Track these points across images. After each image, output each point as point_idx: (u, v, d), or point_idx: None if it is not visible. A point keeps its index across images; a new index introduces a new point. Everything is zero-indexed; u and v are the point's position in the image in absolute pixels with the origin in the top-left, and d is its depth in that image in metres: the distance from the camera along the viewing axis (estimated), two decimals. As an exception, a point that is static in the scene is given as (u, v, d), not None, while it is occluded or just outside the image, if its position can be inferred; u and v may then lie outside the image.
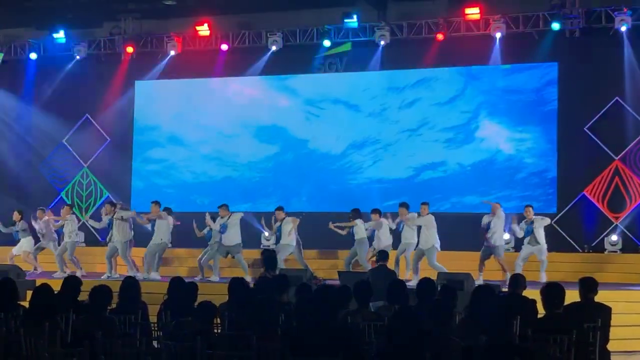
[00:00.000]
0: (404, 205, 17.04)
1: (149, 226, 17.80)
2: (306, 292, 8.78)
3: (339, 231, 17.28)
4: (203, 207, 20.31)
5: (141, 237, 17.98)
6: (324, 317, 6.18)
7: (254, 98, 21.34)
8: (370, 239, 17.12)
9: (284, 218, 17.21)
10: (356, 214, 17.16)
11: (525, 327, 7.58)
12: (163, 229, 17.32)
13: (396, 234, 17.16)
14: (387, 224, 17.02)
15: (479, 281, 15.03)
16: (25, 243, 18.49)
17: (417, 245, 16.60)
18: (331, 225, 17.28)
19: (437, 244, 16.37)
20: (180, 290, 8.87)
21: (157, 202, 17.61)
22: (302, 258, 17.24)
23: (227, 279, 11.74)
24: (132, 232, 17.63)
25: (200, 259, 17.39)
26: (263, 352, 6.76)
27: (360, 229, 16.96)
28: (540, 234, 16.36)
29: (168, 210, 17.61)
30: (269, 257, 12.30)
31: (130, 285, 9.15)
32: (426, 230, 16.41)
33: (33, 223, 18.42)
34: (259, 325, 7.06)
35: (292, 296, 9.49)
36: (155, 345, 8.21)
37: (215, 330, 9.30)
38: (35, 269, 18.14)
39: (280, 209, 17.46)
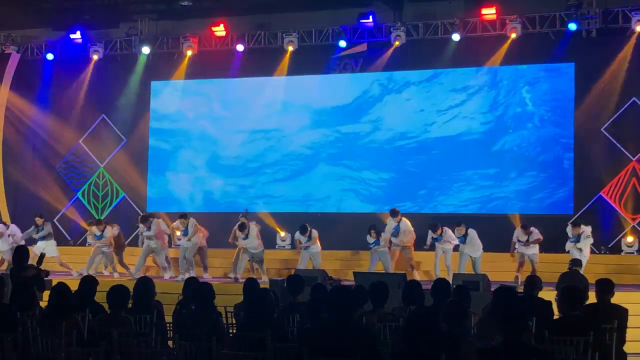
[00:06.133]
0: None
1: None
2: (320, 292, 8.77)
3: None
4: (218, 206, 20.39)
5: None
6: (339, 317, 6.17)
7: (270, 98, 21.33)
8: None
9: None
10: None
11: (541, 329, 7.55)
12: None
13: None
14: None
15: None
16: (50, 247, 18.28)
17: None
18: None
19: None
20: (195, 290, 8.85)
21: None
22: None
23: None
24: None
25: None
26: (279, 352, 6.76)
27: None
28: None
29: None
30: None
31: (143, 285, 9.15)
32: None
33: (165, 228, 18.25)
34: (271, 325, 7.07)
35: (307, 296, 9.48)
36: (171, 345, 8.23)
37: (231, 331, 9.33)
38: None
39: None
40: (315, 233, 17.28)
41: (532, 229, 16.68)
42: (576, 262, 14.22)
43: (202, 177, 21.75)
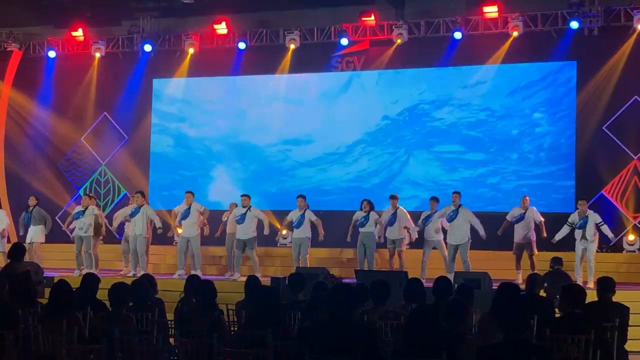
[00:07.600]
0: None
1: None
2: (322, 290, 8.77)
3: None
4: (219, 204, 20.36)
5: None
6: (340, 315, 6.17)
7: (271, 96, 21.34)
8: None
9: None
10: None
11: (542, 327, 7.55)
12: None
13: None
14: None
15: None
16: (38, 232, 18.15)
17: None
18: None
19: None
20: (197, 288, 8.86)
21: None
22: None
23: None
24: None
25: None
26: (279, 350, 6.76)
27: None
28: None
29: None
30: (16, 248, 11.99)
31: (140, 283, 9.16)
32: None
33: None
34: (273, 323, 7.07)
35: (308, 294, 9.47)
36: (172, 342, 8.24)
37: (232, 328, 9.34)
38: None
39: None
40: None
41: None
42: (557, 261, 14.19)
43: (203, 174, 21.76)
